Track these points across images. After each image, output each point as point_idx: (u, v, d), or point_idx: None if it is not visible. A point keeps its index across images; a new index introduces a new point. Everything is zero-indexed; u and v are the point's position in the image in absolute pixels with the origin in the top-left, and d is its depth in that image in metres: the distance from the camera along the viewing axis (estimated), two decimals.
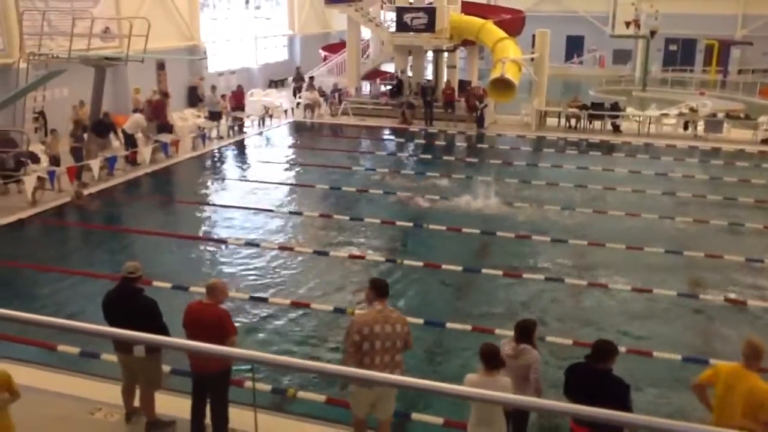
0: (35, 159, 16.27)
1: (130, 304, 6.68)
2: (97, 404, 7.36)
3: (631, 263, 12.24)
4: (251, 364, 6.22)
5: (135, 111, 20.26)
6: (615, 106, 24.69)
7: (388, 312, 6.32)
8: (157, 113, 20.69)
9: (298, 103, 27.14)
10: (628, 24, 37.15)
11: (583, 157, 20.65)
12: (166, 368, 7.56)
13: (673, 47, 43.90)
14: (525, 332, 6.23)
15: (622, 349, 8.60)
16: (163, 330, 6.53)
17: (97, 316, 6.75)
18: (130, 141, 18.60)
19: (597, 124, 24.52)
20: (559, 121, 24.82)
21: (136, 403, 7.10)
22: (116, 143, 19.17)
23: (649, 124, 24.15)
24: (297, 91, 28.88)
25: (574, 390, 5.80)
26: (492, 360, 5.83)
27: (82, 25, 18.88)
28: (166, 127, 20.50)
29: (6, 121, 18.26)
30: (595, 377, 5.69)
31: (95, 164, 16.62)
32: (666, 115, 24.94)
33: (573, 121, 24.65)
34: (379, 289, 6.40)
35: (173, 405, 7.14)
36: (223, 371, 6.61)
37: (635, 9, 36.99)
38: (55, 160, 16.47)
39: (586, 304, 10.74)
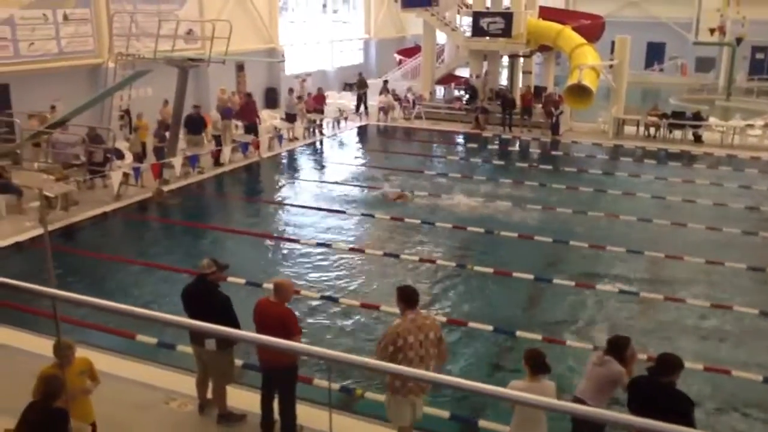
0: (120, 155, 16.94)
1: (204, 299, 6.88)
2: (173, 394, 7.58)
3: (710, 278, 11.85)
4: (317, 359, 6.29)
5: (226, 111, 20.77)
6: (697, 116, 23.89)
7: (421, 320, 6.22)
8: (245, 113, 21.21)
9: (358, 109, 26.92)
10: (712, 31, 35.86)
11: (662, 168, 20.09)
12: (238, 363, 7.75)
13: (760, 55, 42.13)
14: (615, 347, 6.14)
15: (698, 366, 8.45)
16: (235, 325, 6.68)
17: (171, 308, 6.99)
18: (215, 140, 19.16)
19: (677, 133, 23.79)
20: (637, 130, 24.20)
21: (209, 395, 7.30)
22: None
23: (733, 134, 23.29)
24: (361, 98, 27.84)
25: (636, 403, 5.68)
26: (535, 364, 5.82)
27: (168, 26, 19.53)
28: (254, 128, 20.97)
29: (94, 118, 19.06)
30: (657, 390, 5.57)
31: (177, 162, 17.18)
32: (751, 125, 23.98)
33: (652, 130, 23.99)
34: (407, 299, 6.27)
35: (245, 399, 7.30)
36: (290, 367, 6.73)
37: (721, 15, 35.69)
38: (138, 157, 17.10)
39: (662, 319, 10.44)
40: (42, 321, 8.96)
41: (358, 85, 28.28)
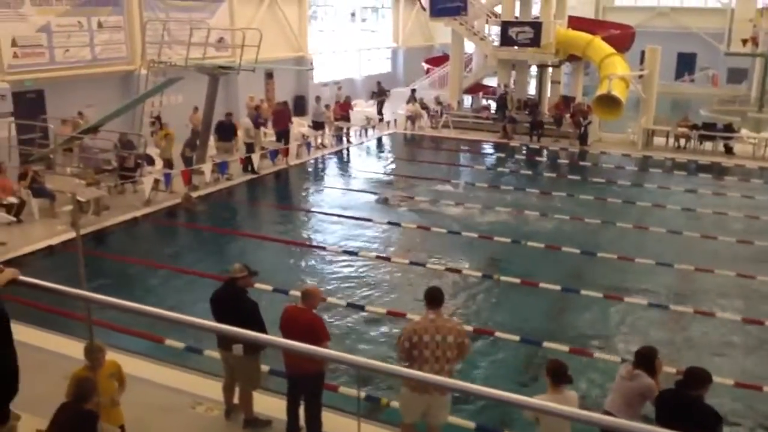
0: (151, 161, 17.16)
1: (232, 304, 6.93)
2: (199, 398, 7.63)
3: (741, 292, 11.67)
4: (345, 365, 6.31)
5: (256, 118, 20.95)
6: (728, 127, 23.58)
7: (441, 321, 6.28)
8: (278, 121, 21.36)
9: (380, 119, 26.85)
10: (745, 41, 35.37)
11: (692, 179, 19.85)
12: (264, 369, 7.79)
13: None
14: (643, 359, 6.08)
15: (729, 381, 8.32)
16: (262, 331, 6.71)
17: (198, 312, 7.03)
18: (249, 147, 19.32)
19: (708, 145, 23.46)
20: (667, 141, 23.94)
21: (236, 400, 7.35)
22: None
23: (765, 146, 22.90)
24: (380, 105, 28.37)
25: (664, 416, 5.62)
26: (556, 375, 5.79)
27: (199, 35, 19.79)
28: (284, 135, 21.10)
29: (125, 124, 19.34)
30: (685, 404, 5.50)
31: (207, 168, 17.36)
32: None
33: (682, 142, 23.71)
34: (429, 299, 6.41)
35: (272, 405, 7.33)
36: (317, 374, 6.74)
37: (754, 26, 35.17)
38: (168, 163, 17.32)
39: (692, 332, 10.31)
40: (71, 323, 9.11)
41: (377, 93, 28.39)
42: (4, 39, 17.48)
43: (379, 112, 27.98)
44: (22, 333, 4.53)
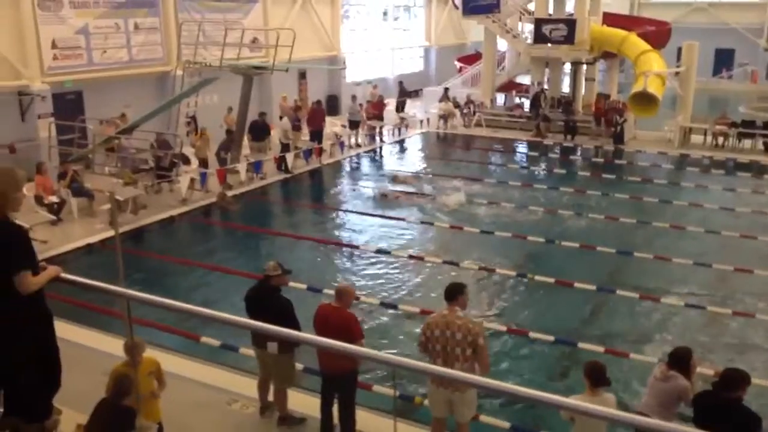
0: (186, 161, 17.39)
1: (266, 302, 6.99)
2: (235, 395, 7.72)
3: None
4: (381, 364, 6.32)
5: (281, 118, 21.10)
6: None
7: (451, 318, 6.26)
8: (312, 120, 21.53)
9: (402, 119, 26.44)
10: None
11: (731, 178, 19.48)
12: (299, 366, 7.85)
13: None
14: (678, 360, 6.01)
15: None
16: (296, 329, 6.76)
17: (233, 310, 7.10)
18: (284, 147, 19.47)
19: (747, 143, 23.00)
20: (704, 139, 23.52)
21: (270, 397, 7.42)
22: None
23: None
24: (400, 106, 27.95)
25: (701, 418, 5.54)
26: (595, 377, 5.76)
27: (233, 35, 19.99)
28: (318, 135, 21.22)
29: (161, 124, 19.62)
30: (723, 406, 5.41)
31: (242, 168, 17.54)
32: None
33: (720, 140, 23.28)
34: (445, 294, 6.46)
35: (306, 402, 7.37)
36: (351, 373, 6.76)
37: None
38: (203, 162, 17.54)
39: (730, 333, 10.13)
40: (109, 319, 9.28)
41: (399, 94, 28.31)
42: (44, 41, 17.85)
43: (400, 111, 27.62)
44: (61, 329, 4.62)
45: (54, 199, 14.21)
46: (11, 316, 3.98)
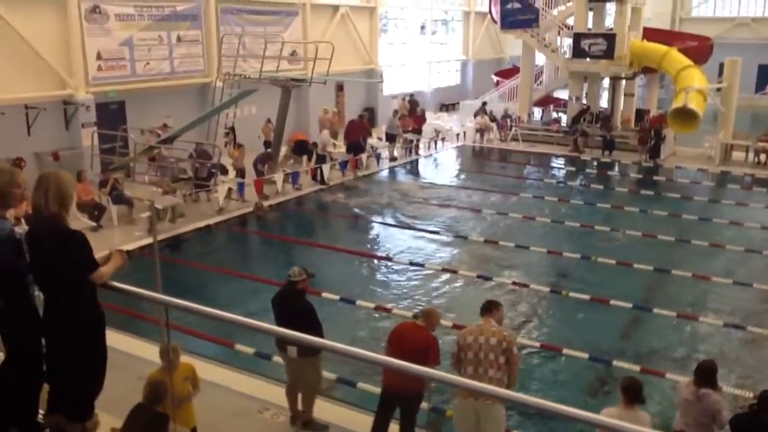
0: (224, 171, 17.63)
1: (289, 305, 7.08)
2: (266, 404, 7.75)
3: None
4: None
5: (321, 131, 21.23)
6: None
7: (486, 325, 6.32)
8: (349, 133, 21.60)
9: (438, 133, 26.19)
10: None
11: None
12: (331, 376, 7.87)
13: None
14: (706, 375, 5.91)
15: None
16: (318, 333, 6.71)
17: (265, 318, 7.17)
18: (321, 159, 19.59)
19: None
20: (746, 156, 23.06)
21: (300, 406, 7.44)
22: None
23: None
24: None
25: None
26: (631, 392, 5.71)
27: (273, 48, 20.24)
28: (355, 147, 21.29)
29: (201, 134, 19.93)
30: (762, 429, 5.29)
31: (279, 178, 17.71)
32: None
33: (762, 157, 22.81)
34: (481, 308, 6.56)
35: (334, 413, 7.41)
36: (417, 394, 6.58)
37: None
38: (241, 173, 17.76)
39: None
40: (145, 325, 9.42)
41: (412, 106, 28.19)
42: (89, 52, 18.32)
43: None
44: None
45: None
46: (68, 316, 4.11)
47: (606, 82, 27.55)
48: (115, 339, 8.96)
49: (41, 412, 4.36)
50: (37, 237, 4.13)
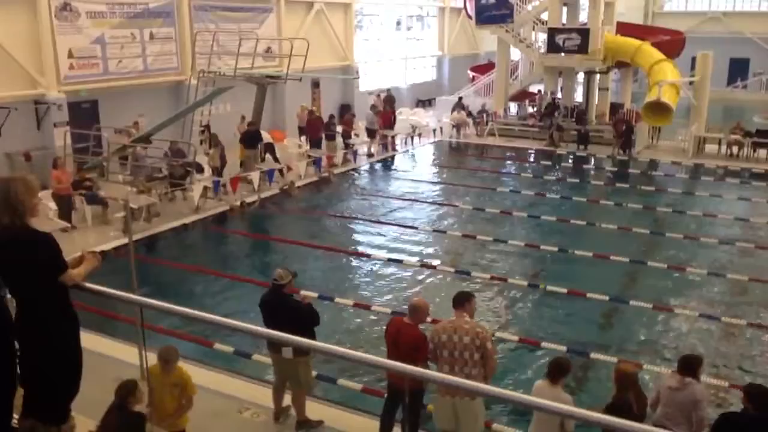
0: (200, 169, 17.48)
1: (280, 308, 7.03)
2: (246, 403, 7.69)
3: None
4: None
5: (300, 128, 21.05)
6: None
7: (459, 322, 6.26)
8: (311, 130, 21.57)
9: (414, 128, 26.16)
10: None
11: (745, 188, 19.35)
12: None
13: None
14: (689, 366, 5.99)
15: None
16: (309, 333, 6.76)
17: (244, 316, 7.13)
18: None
19: (762, 152, 22.81)
20: (719, 149, 23.36)
21: (285, 403, 7.40)
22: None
23: None
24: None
25: None
26: (553, 371, 6.00)
27: (247, 45, 20.11)
28: (317, 144, 21.23)
29: (175, 133, 19.74)
30: (754, 426, 5.34)
31: (255, 176, 17.59)
32: None
33: (735, 149, 23.13)
34: (453, 301, 6.48)
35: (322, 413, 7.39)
36: (416, 391, 6.55)
37: None
38: (216, 171, 17.62)
39: (744, 345, 10.03)
40: (121, 326, 9.31)
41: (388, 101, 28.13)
42: (61, 51, 18.05)
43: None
44: None
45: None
46: (41, 319, 4.04)
47: (581, 76, 27.75)
48: (90, 341, 8.89)
49: (15, 416, 4.29)
50: (1, 242, 4.00)
